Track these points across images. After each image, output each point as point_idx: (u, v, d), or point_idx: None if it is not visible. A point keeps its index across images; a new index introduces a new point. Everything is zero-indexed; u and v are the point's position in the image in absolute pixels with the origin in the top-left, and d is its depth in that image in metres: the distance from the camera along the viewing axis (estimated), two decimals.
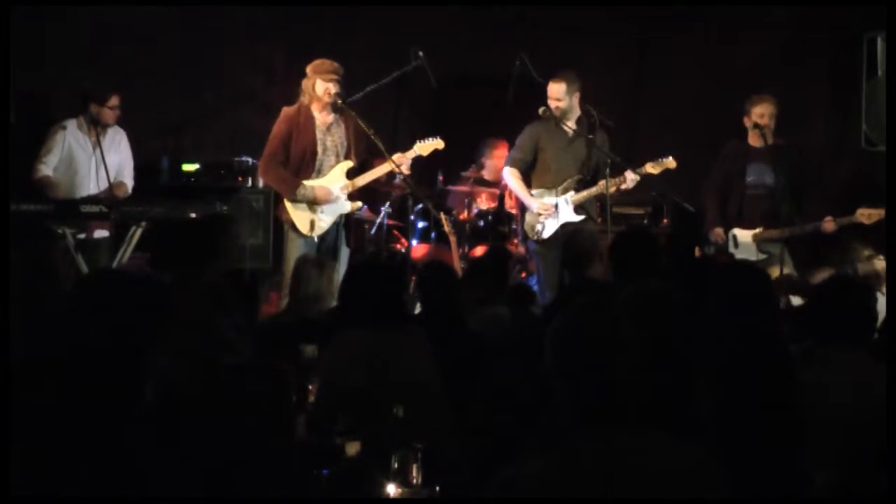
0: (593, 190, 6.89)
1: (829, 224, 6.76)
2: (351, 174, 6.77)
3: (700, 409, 3.11)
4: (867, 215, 6.65)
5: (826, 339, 3.61)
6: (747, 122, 7.03)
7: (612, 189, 6.80)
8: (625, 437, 2.24)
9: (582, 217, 6.92)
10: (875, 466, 2.51)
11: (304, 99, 6.68)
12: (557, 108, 6.86)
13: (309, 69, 6.67)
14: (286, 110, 6.74)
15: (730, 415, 3.01)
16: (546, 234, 6.90)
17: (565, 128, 6.91)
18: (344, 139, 6.77)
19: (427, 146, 6.90)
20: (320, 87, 6.61)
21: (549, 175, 6.97)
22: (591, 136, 6.90)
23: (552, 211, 6.87)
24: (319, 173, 6.72)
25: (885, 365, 3.44)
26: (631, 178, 6.83)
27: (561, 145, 6.96)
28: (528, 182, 7.02)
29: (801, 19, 8.20)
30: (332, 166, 6.74)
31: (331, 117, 6.74)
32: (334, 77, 6.62)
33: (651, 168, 6.92)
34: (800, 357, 3.40)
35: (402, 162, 6.68)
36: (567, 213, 6.91)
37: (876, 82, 7.26)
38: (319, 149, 6.69)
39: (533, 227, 6.96)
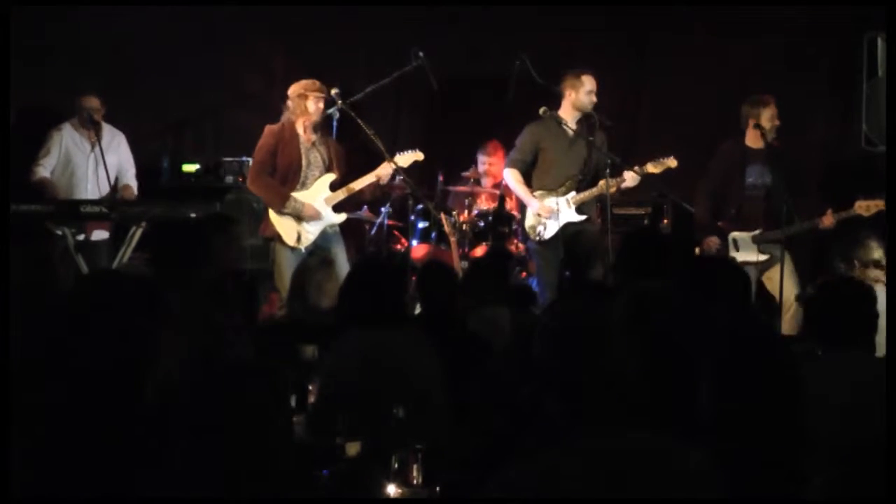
0: (594, 190, 6.88)
1: (828, 219, 6.71)
2: (334, 187, 6.80)
3: (700, 409, 3.10)
4: (865, 207, 6.57)
5: (825, 340, 3.61)
6: (752, 124, 6.98)
7: (613, 189, 6.80)
8: (623, 438, 2.23)
9: (584, 217, 6.92)
10: (874, 466, 2.51)
11: (291, 117, 6.72)
12: (592, 101, 6.90)
13: (299, 89, 6.72)
14: (270, 127, 6.80)
15: (730, 415, 3.01)
16: (548, 235, 6.89)
17: (566, 128, 6.91)
18: (326, 157, 6.84)
19: (406, 158, 6.95)
20: (312, 104, 6.69)
21: (550, 175, 6.97)
22: (591, 139, 6.90)
23: (553, 212, 6.87)
24: (304, 186, 6.76)
25: (885, 365, 3.44)
26: (631, 177, 6.83)
27: (562, 145, 6.96)
28: (529, 183, 7.02)
29: (800, 19, 8.19)
30: (317, 179, 6.79)
31: (314, 136, 6.79)
32: (322, 95, 6.73)
33: (652, 167, 6.90)
34: (800, 357, 3.40)
35: (382, 175, 6.78)
36: (568, 213, 6.91)
37: (876, 82, 7.25)
38: (304, 162, 6.74)
39: (534, 229, 6.96)
